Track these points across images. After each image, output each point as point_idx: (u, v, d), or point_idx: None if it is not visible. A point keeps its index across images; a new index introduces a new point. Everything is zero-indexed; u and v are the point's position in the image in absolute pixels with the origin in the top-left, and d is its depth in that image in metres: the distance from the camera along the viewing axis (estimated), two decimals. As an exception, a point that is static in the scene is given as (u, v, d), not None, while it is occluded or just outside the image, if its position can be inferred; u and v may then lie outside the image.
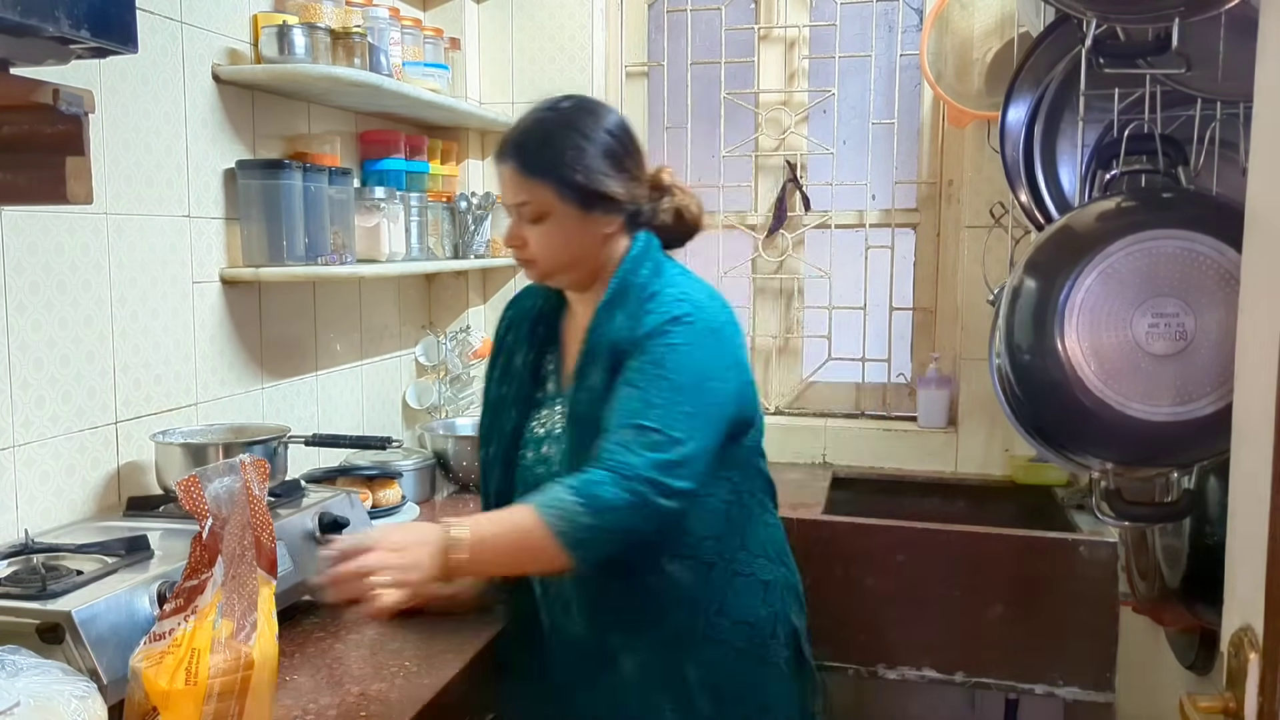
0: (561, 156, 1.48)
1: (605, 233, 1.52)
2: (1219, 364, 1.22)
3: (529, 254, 1.54)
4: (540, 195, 1.48)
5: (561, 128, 1.50)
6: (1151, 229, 1.28)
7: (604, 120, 1.52)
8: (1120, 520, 1.36)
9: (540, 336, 1.65)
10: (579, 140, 1.49)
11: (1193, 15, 1.31)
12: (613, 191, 1.50)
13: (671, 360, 1.41)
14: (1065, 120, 1.66)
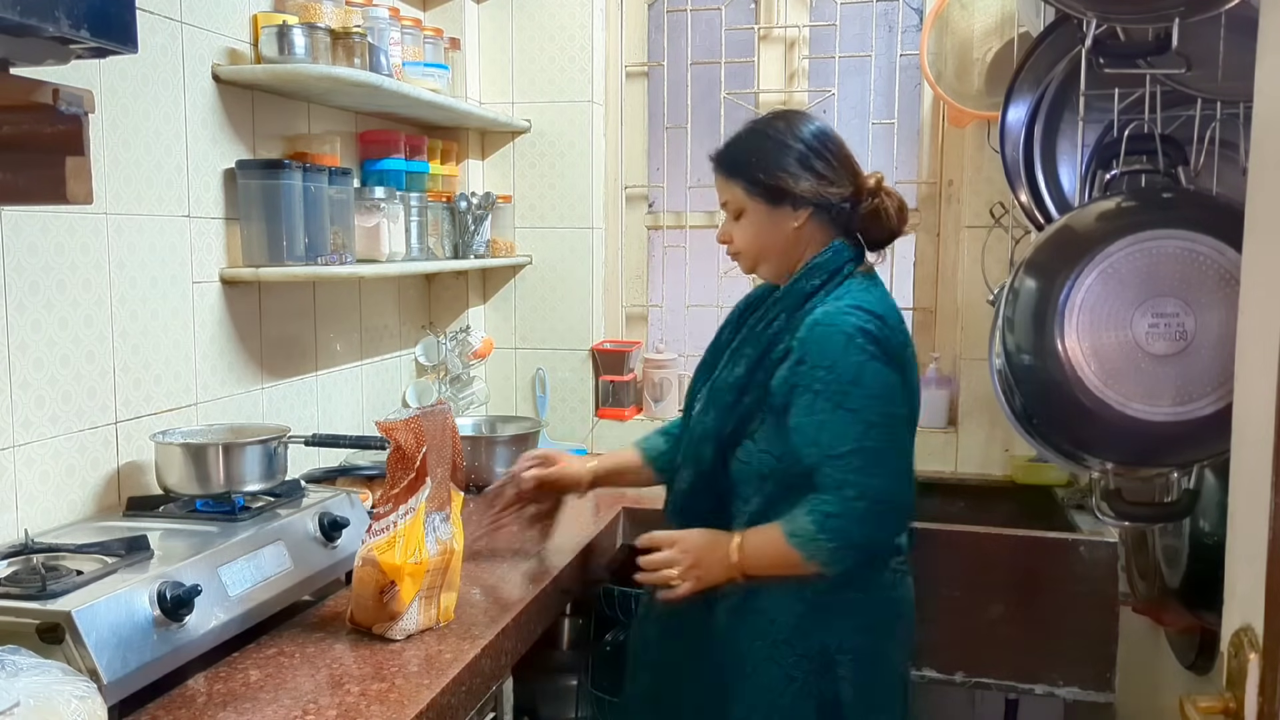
0: (749, 157, 1.66)
1: (793, 227, 1.65)
2: (1219, 364, 1.22)
3: (735, 248, 1.73)
4: (735, 193, 1.68)
5: (754, 133, 1.69)
6: (1151, 229, 1.28)
7: (795, 125, 1.66)
8: (1120, 520, 1.36)
9: (746, 321, 1.77)
10: (766, 143, 1.66)
11: (1193, 15, 1.31)
12: (795, 189, 1.63)
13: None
14: (1065, 120, 1.66)
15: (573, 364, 2.95)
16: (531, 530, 2.01)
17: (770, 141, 1.66)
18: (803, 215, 1.64)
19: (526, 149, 2.92)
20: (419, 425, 1.56)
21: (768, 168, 1.64)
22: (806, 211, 1.64)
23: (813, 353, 1.55)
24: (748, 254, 1.71)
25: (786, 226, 1.65)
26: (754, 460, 1.63)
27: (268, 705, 1.34)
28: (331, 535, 1.71)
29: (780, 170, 1.63)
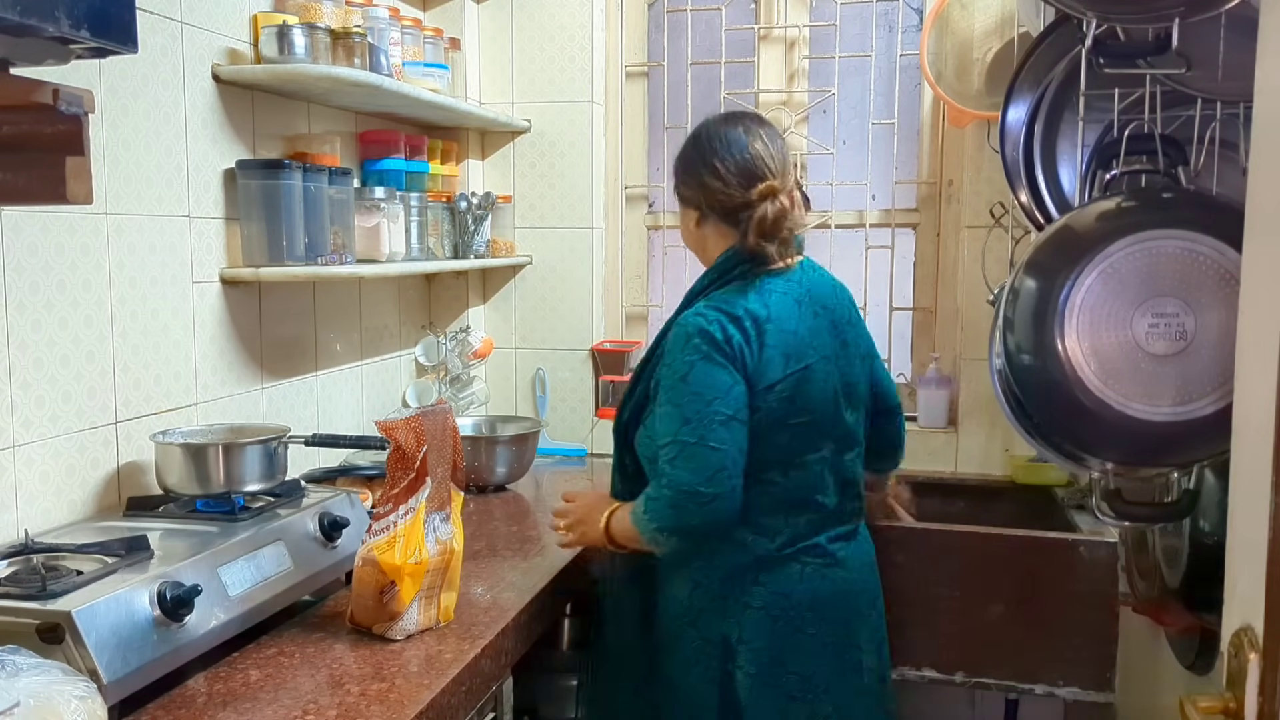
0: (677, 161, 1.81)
1: (691, 228, 1.80)
2: (1219, 364, 1.22)
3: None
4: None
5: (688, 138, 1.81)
6: (1151, 229, 1.28)
7: (705, 132, 1.76)
8: (1120, 520, 1.36)
9: None
10: (684, 148, 1.80)
11: (1193, 15, 1.31)
12: (681, 193, 1.80)
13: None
14: (1065, 120, 1.66)
15: (573, 364, 2.95)
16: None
17: (684, 148, 1.79)
18: (693, 215, 1.77)
19: (526, 149, 2.92)
20: (419, 425, 1.56)
21: (677, 172, 1.80)
22: (696, 214, 1.76)
23: (667, 351, 1.68)
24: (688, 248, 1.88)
25: (689, 227, 1.80)
26: (644, 446, 1.74)
27: (268, 705, 1.34)
28: (331, 535, 1.71)
29: (678, 173, 1.79)
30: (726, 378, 1.60)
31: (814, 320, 1.69)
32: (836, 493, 1.72)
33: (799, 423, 1.66)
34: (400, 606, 1.54)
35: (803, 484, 1.68)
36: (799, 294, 1.69)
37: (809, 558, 1.69)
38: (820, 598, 1.69)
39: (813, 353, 1.67)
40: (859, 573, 1.76)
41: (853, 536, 1.77)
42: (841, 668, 1.71)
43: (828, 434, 1.70)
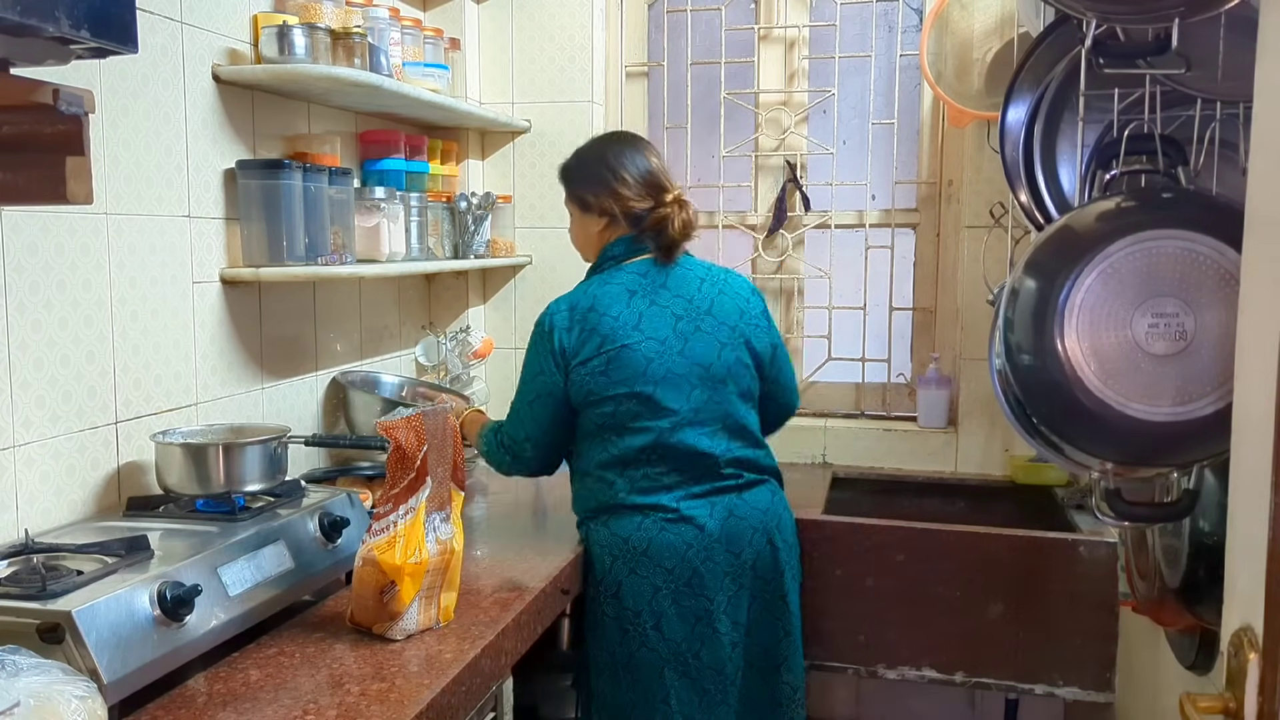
0: (570, 171, 2.10)
1: (587, 230, 2.09)
2: (1219, 364, 1.22)
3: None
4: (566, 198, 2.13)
5: (583, 150, 2.11)
6: (1151, 229, 1.28)
7: (593, 148, 2.08)
8: (1120, 520, 1.36)
9: None
10: (584, 161, 2.08)
11: (1193, 15, 1.30)
12: (585, 200, 2.05)
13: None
14: (1065, 120, 1.65)
15: (573, 364, 2.95)
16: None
17: (584, 163, 2.07)
18: (602, 223, 2.04)
19: (526, 149, 2.92)
20: (419, 424, 1.56)
21: (576, 182, 2.07)
22: (605, 220, 2.04)
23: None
24: (575, 247, 2.17)
25: (591, 230, 2.07)
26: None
27: (268, 705, 1.34)
28: (331, 535, 1.71)
29: (580, 186, 2.06)
30: (539, 364, 1.96)
31: (647, 308, 1.94)
32: (681, 460, 1.93)
33: (620, 394, 1.91)
34: (400, 606, 1.54)
35: (636, 447, 1.92)
36: (636, 285, 1.97)
37: (651, 511, 1.93)
38: (656, 546, 1.91)
39: (635, 335, 1.91)
40: (715, 534, 1.93)
41: (713, 500, 1.95)
42: (680, 614, 1.91)
43: (658, 409, 1.91)
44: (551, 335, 1.95)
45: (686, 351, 1.93)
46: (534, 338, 1.98)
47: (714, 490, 1.95)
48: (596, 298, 1.96)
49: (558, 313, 1.97)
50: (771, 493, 2.02)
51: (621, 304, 1.94)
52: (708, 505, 1.94)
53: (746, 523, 1.96)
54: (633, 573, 1.92)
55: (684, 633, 1.91)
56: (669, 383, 1.91)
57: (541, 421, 1.97)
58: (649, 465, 1.93)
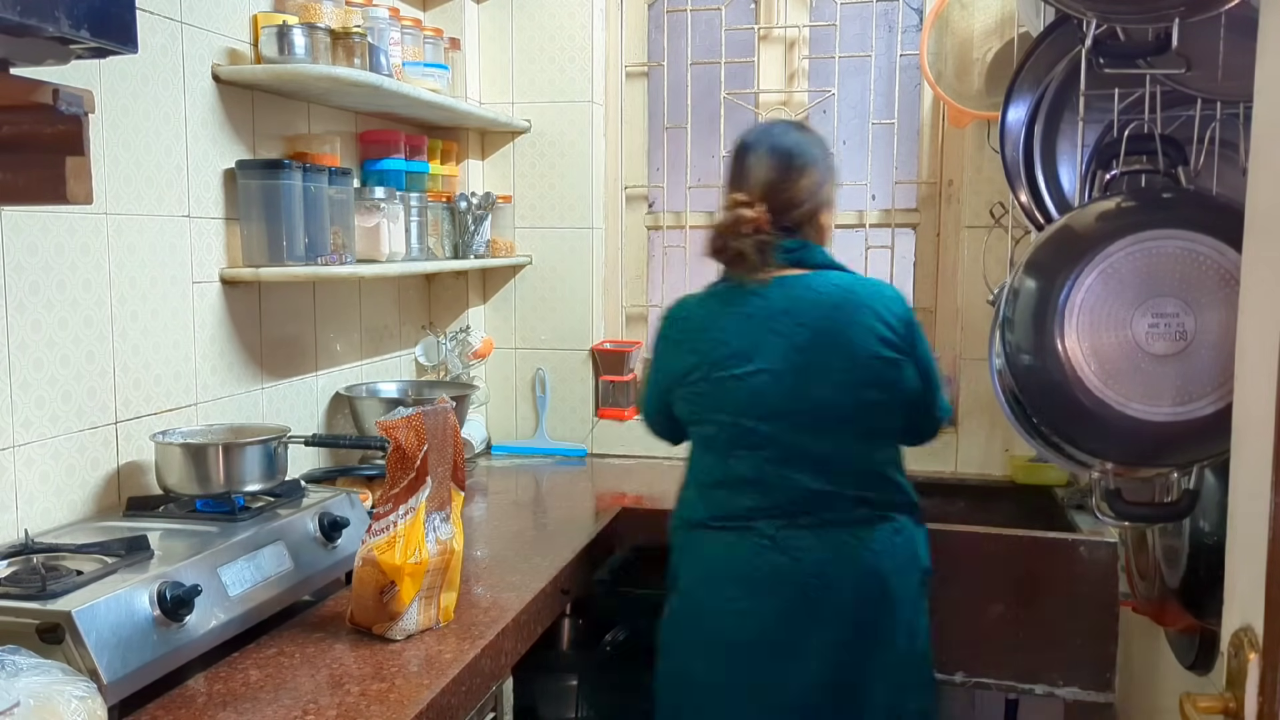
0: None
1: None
2: (1219, 364, 1.22)
3: None
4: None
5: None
6: (1151, 229, 1.28)
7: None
8: (1120, 520, 1.36)
9: None
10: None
11: (1193, 15, 1.30)
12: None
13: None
14: (1065, 120, 1.65)
15: (573, 364, 2.95)
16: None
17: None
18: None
19: (526, 149, 2.92)
20: (420, 423, 1.56)
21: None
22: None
23: None
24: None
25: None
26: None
27: (268, 705, 1.34)
28: (331, 535, 1.71)
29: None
30: (657, 364, 1.94)
31: (765, 336, 1.76)
32: (784, 493, 1.76)
33: (722, 420, 1.80)
34: (400, 606, 1.54)
35: (737, 474, 1.79)
36: (756, 309, 1.78)
37: (744, 534, 1.78)
38: (745, 571, 1.77)
39: (745, 366, 1.77)
40: (813, 569, 1.75)
41: (818, 533, 1.76)
42: (768, 645, 1.75)
43: (764, 439, 1.76)
44: (665, 345, 1.91)
45: (798, 390, 1.75)
46: (657, 337, 1.94)
47: (820, 524, 1.77)
48: (712, 315, 1.84)
49: (674, 324, 1.89)
50: (894, 531, 1.81)
51: (734, 331, 1.79)
52: (812, 537, 1.77)
53: (851, 562, 1.77)
54: (718, 594, 1.80)
55: (766, 663, 1.76)
56: (776, 419, 1.76)
57: (648, 399, 1.99)
58: (750, 491, 1.79)
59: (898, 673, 1.80)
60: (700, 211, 3.00)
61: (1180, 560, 1.60)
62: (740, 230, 1.77)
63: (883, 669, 1.78)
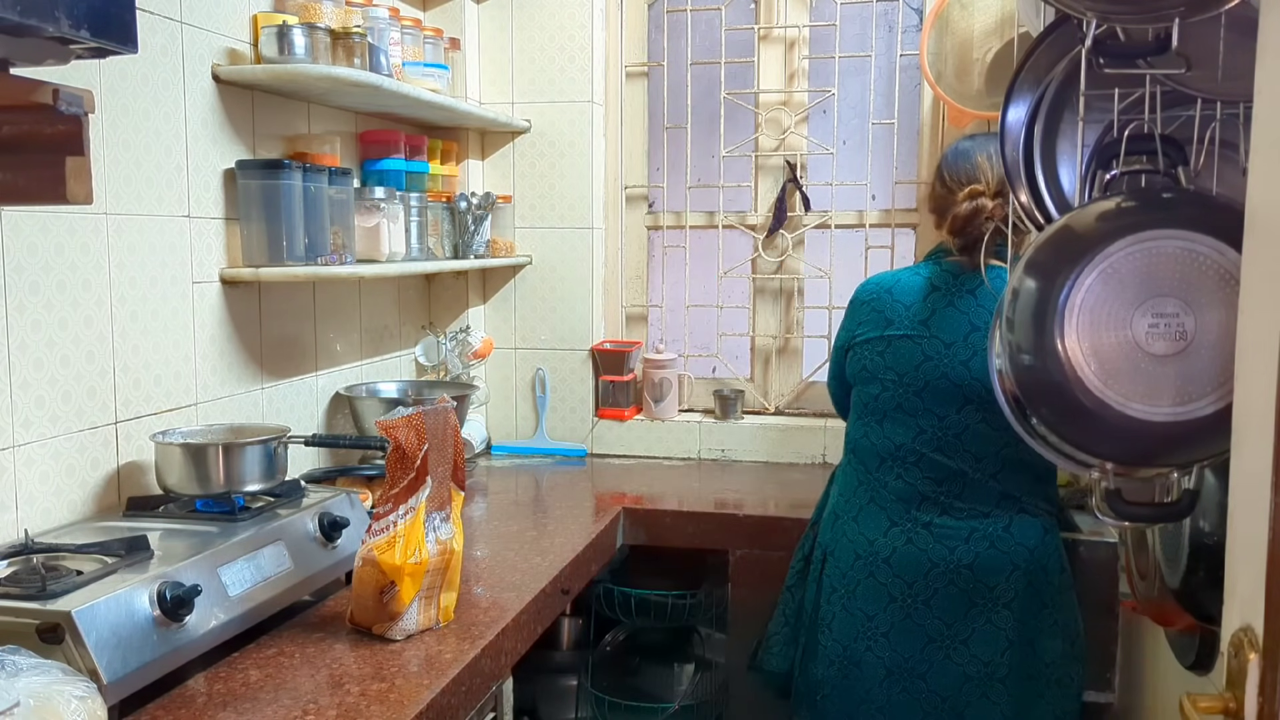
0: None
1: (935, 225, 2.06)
2: (1219, 364, 1.22)
3: None
4: None
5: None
6: (1151, 229, 1.28)
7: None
8: (1120, 520, 1.35)
9: None
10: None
11: (1193, 15, 1.30)
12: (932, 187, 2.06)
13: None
14: (1065, 120, 1.65)
15: (573, 364, 2.95)
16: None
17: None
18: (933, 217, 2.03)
19: (526, 149, 2.92)
20: (420, 423, 1.56)
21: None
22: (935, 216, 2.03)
23: None
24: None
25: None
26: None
27: (268, 705, 1.34)
28: (331, 535, 1.71)
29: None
30: (843, 327, 2.04)
31: (944, 307, 1.89)
32: (924, 476, 1.87)
33: (888, 379, 1.90)
34: (400, 606, 1.54)
35: (892, 443, 1.90)
36: (942, 282, 1.92)
37: (898, 516, 1.88)
38: (897, 556, 1.86)
39: (920, 330, 1.89)
40: (966, 560, 1.84)
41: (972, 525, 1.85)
42: (911, 631, 1.85)
43: (925, 409, 1.88)
44: (855, 307, 2.01)
45: (973, 365, 1.85)
46: (850, 304, 2.05)
47: (972, 512, 1.85)
48: (899, 281, 1.97)
49: (866, 288, 2.02)
50: (1045, 530, 1.88)
51: (917, 295, 1.93)
52: (964, 527, 1.85)
53: (1004, 554, 1.84)
54: (871, 575, 1.89)
55: (913, 650, 1.85)
56: (941, 389, 1.87)
57: (834, 368, 2.09)
58: (906, 462, 1.89)
59: (1043, 674, 1.85)
60: (700, 211, 3.01)
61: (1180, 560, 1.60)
62: (982, 216, 1.87)
63: (1027, 669, 1.84)
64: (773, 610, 2.12)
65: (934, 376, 1.87)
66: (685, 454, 2.92)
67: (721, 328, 3.01)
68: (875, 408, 1.93)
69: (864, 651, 1.88)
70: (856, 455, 1.98)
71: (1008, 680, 1.84)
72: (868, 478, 1.93)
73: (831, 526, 1.98)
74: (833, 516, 1.98)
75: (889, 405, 1.91)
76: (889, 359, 1.91)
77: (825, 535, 1.99)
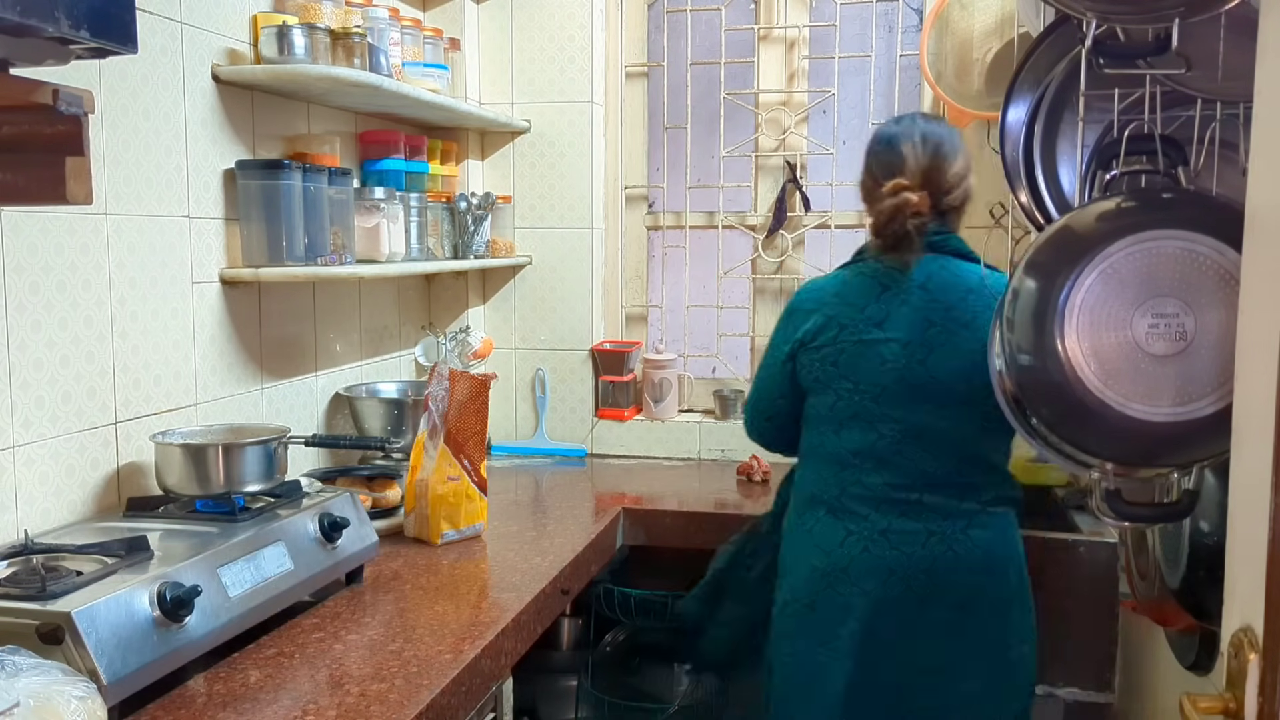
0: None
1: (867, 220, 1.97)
2: (1219, 364, 1.22)
3: None
4: None
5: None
6: (1151, 229, 1.28)
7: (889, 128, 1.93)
8: (1120, 520, 1.36)
9: None
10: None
11: (1193, 15, 1.30)
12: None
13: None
14: (1065, 120, 1.65)
15: (572, 364, 2.95)
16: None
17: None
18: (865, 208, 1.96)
19: (526, 149, 2.92)
20: None
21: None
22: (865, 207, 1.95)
23: None
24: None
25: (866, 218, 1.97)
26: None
27: (268, 705, 1.34)
28: (331, 535, 1.71)
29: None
30: (774, 338, 1.95)
31: (898, 307, 1.81)
32: (898, 474, 1.80)
33: (843, 388, 1.83)
34: None
35: (851, 449, 1.83)
36: (891, 280, 1.84)
37: (854, 525, 1.81)
38: (855, 566, 1.79)
39: (876, 332, 1.81)
40: (923, 564, 1.77)
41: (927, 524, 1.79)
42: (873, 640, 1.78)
43: (882, 414, 1.80)
44: (795, 315, 1.92)
45: (930, 363, 1.79)
46: (783, 312, 1.98)
47: (931, 512, 1.79)
48: (845, 284, 1.89)
49: (807, 294, 1.94)
50: (1004, 527, 1.83)
51: (870, 297, 1.85)
52: (923, 530, 1.79)
53: (961, 557, 1.79)
54: (829, 587, 1.82)
55: (874, 659, 1.79)
56: (899, 391, 1.80)
57: (768, 386, 1.97)
58: (866, 468, 1.82)
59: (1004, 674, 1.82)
60: (700, 211, 3.01)
61: (1180, 560, 1.60)
62: (905, 213, 1.81)
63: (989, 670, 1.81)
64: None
65: (891, 380, 1.80)
66: (685, 454, 2.92)
67: (721, 328, 3.01)
68: (830, 416, 1.86)
69: (824, 664, 1.81)
70: (812, 462, 1.91)
71: (969, 682, 1.80)
72: (823, 486, 1.86)
73: (787, 540, 1.92)
74: (787, 531, 1.93)
75: (845, 414, 1.83)
76: (843, 367, 1.83)
77: (782, 550, 1.93)
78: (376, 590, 1.79)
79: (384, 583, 1.83)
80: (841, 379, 1.83)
